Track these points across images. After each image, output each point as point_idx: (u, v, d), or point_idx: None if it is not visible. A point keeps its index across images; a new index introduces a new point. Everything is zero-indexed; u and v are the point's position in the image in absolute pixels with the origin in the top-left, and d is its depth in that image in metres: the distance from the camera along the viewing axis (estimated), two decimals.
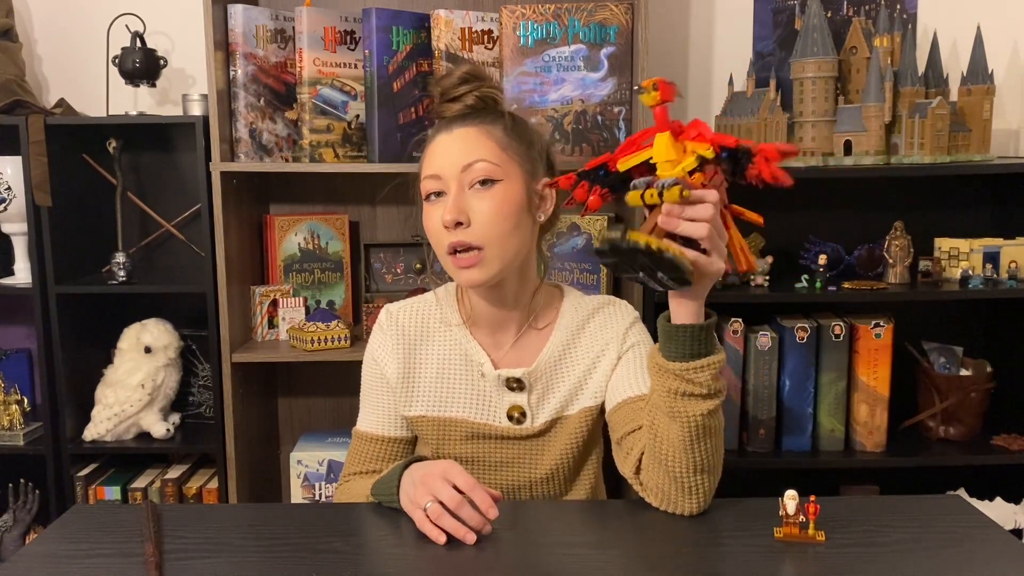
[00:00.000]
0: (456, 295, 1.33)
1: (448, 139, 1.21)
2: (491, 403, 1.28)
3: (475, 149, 1.19)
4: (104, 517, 1.12)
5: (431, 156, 1.23)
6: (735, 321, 1.92)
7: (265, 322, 2.03)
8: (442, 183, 1.20)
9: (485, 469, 1.29)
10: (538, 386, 1.28)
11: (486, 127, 1.21)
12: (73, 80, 2.15)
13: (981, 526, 1.06)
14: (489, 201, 1.18)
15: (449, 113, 1.25)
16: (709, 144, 0.97)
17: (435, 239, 1.21)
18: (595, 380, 1.29)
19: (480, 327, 1.30)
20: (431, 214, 1.22)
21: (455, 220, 1.16)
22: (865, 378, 1.92)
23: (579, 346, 1.30)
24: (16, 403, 2.04)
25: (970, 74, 1.93)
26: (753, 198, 2.28)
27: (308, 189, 2.15)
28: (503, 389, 1.27)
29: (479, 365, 1.28)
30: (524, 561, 0.99)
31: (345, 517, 1.13)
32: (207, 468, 2.12)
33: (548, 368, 1.28)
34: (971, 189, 2.12)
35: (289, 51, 1.95)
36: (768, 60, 1.96)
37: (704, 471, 1.09)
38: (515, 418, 1.27)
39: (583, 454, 1.30)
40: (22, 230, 2.00)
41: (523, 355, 1.29)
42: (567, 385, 1.28)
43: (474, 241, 1.17)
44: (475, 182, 1.19)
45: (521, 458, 1.29)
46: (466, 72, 1.25)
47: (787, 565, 0.97)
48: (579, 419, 1.28)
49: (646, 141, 1.00)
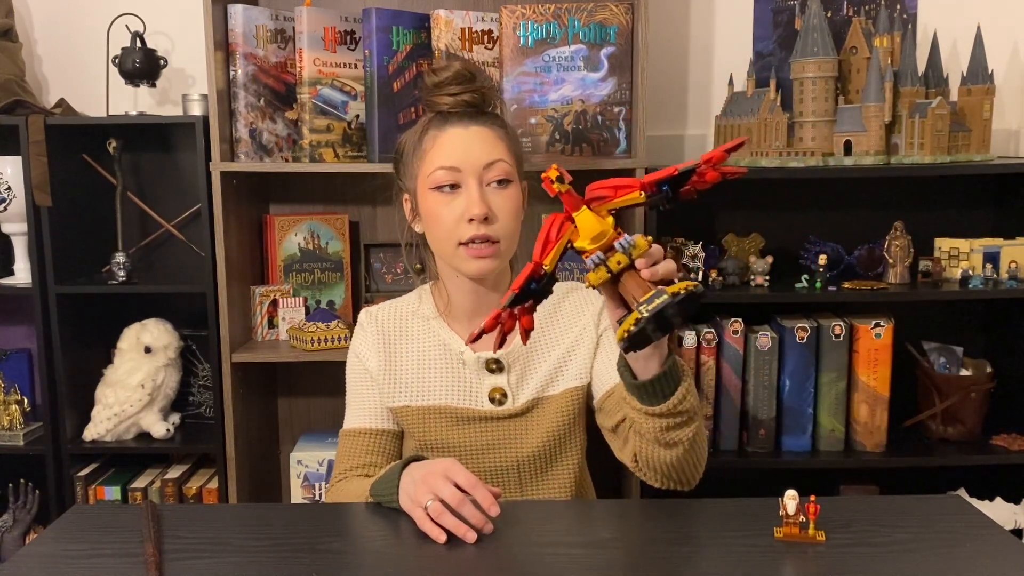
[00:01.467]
0: (432, 290, 1.38)
1: (465, 134, 1.26)
2: (472, 387, 1.31)
3: (494, 149, 1.27)
4: (104, 517, 1.12)
5: (444, 147, 1.26)
6: (735, 321, 1.92)
7: (265, 322, 2.03)
8: (460, 176, 1.25)
9: (471, 453, 1.31)
10: (517, 366, 1.32)
11: (497, 129, 1.29)
12: (73, 80, 2.14)
13: (981, 526, 1.06)
14: (507, 200, 1.26)
15: (444, 106, 1.29)
16: (638, 190, 1.00)
17: (448, 229, 1.25)
18: (577, 361, 1.33)
19: (457, 317, 1.35)
20: (445, 204, 1.25)
21: (485, 214, 1.23)
22: (865, 378, 1.92)
23: (554, 328, 1.35)
24: (16, 403, 2.04)
25: (970, 74, 1.93)
26: (752, 198, 2.29)
27: (308, 189, 2.15)
28: (483, 372, 1.31)
29: (459, 353, 1.32)
30: (524, 561, 0.99)
31: (345, 517, 1.13)
32: (207, 468, 2.12)
33: (526, 349, 1.32)
34: (971, 189, 2.12)
35: (289, 51, 1.95)
36: (768, 60, 1.96)
37: (699, 460, 1.16)
38: (496, 399, 1.31)
39: (568, 434, 1.32)
40: (22, 230, 2.00)
41: None
42: (547, 365, 1.32)
43: (494, 235, 1.25)
44: (493, 180, 1.25)
45: (505, 439, 1.31)
46: (462, 70, 1.29)
47: (787, 565, 0.97)
48: (564, 399, 1.31)
49: (556, 233, 1.01)
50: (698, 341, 1.92)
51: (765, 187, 2.11)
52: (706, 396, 1.94)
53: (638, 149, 1.88)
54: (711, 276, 1.92)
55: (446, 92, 1.28)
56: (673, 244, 1.94)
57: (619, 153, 1.90)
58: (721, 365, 1.94)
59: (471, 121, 1.28)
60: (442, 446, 1.31)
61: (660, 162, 2.10)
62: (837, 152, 1.88)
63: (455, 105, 1.28)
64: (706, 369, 1.93)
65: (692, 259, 1.91)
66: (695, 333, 1.92)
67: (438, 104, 1.30)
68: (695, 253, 1.91)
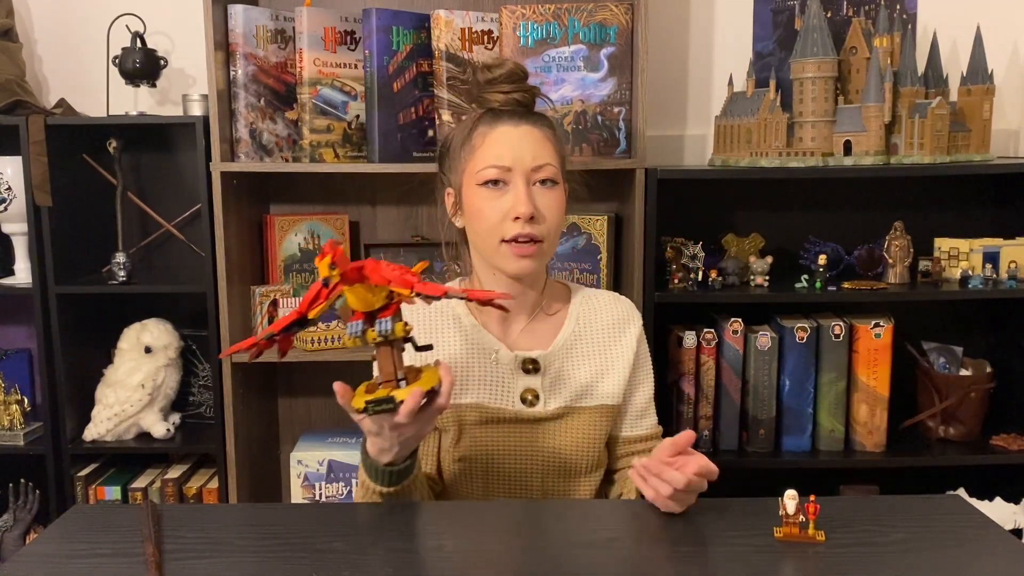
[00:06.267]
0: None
1: (515, 133, 1.27)
2: (505, 386, 1.31)
3: (543, 150, 1.27)
4: (104, 517, 1.12)
5: (496, 145, 1.27)
6: (735, 321, 1.92)
7: (265, 322, 2.02)
8: (509, 174, 1.25)
9: (498, 453, 1.30)
10: (552, 369, 1.31)
11: (545, 130, 1.30)
12: (73, 80, 2.14)
13: (981, 526, 1.06)
14: (553, 201, 1.27)
15: (496, 103, 1.29)
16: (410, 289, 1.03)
17: (492, 226, 1.26)
18: (613, 378, 1.33)
19: (490, 315, 1.33)
20: (491, 200, 1.26)
21: (531, 213, 1.23)
22: (865, 378, 1.92)
23: (594, 336, 1.35)
24: (16, 403, 2.04)
25: (970, 74, 1.93)
26: (752, 198, 2.29)
27: (308, 189, 2.15)
28: (518, 372, 1.30)
29: (493, 351, 1.31)
30: (524, 560, 0.99)
31: (345, 517, 1.13)
32: (207, 468, 2.12)
33: (563, 353, 1.32)
34: (971, 189, 2.12)
35: (289, 51, 1.95)
36: (768, 60, 1.96)
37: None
38: (528, 400, 1.30)
39: (595, 450, 1.32)
40: (22, 230, 2.00)
41: (535, 340, 1.33)
42: (583, 374, 1.32)
43: (539, 235, 1.25)
44: (540, 180, 1.26)
45: (534, 443, 1.30)
46: (515, 68, 1.29)
47: (787, 565, 0.97)
48: (595, 414, 1.32)
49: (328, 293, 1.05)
50: (698, 341, 1.92)
51: (765, 187, 2.11)
52: (706, 396, 1.94)
53: (638, 149, 1.88)
54: (711, 276, 1.92)
55: (498, 89, 1.29)
56: (673, 244, 1.95)
57: (619, 153, 1.90)
58: (721, 365, 1.94)
59: (522, 120, 1.28)
60: (472, 442, 1.30)
61: (660, 162, 2.10)
62: (837, 152, 1.88)
63: (506, 103, 1.29)
64: (706, 369, 1.93)
65: (692, 259, 1.91)
66: (695, 333, 1.92)
67: (489, 101, 1.30)
68: (695, 253, 1.91)
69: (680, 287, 1.91)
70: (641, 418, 1.37)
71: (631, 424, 1.37)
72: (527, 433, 1.30)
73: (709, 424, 1.95)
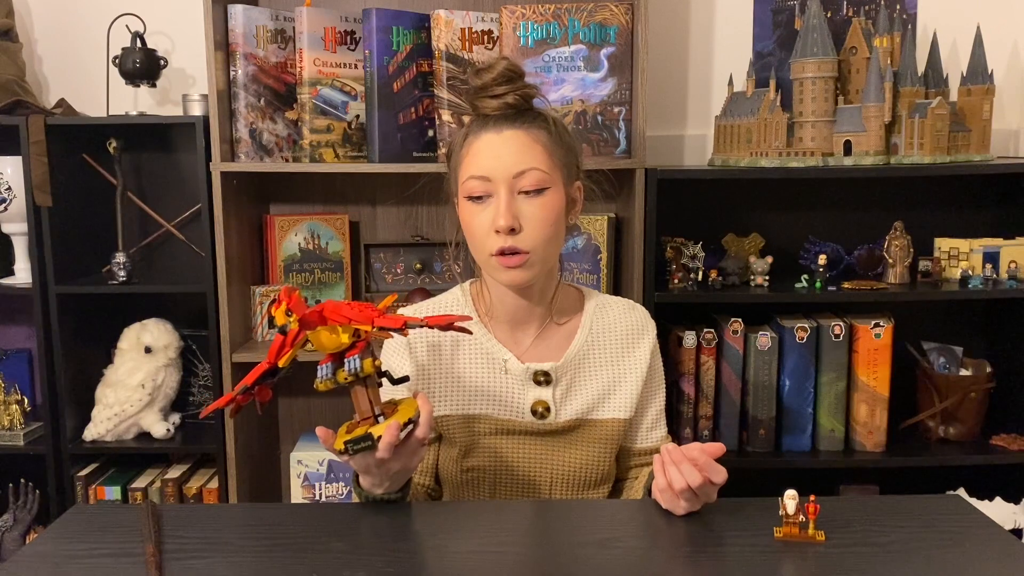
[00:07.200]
0: (472, 293, 1.34)
1: (497, 140, 1.21)
2: (515, 398, 1.28)
3: (526, 156, 1.20)
4: (104, 517, 1.12)
5: (477, 155, 1.21)
6: (735, 321, 1.92)
7: (265, 322, 2.03)
8: (491, 186, 1.20)
9: (508, 464, 1.29)
10: (563, 381, 1.29)
11: (534, 132, 1.22)
12: (73, 80, 2.14)
13: (981, 526, 1.06)
14: (539, 208, 1.20)
15: (488, 109, 1.23)
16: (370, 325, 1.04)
17: (479, 240, 1.22)
18: (625, 391, 1.31)
19: (499, 324, 1.31)
20: (476, 215, 1.21)
21: (510, 226, 1.18)
22: (865, 378, 1.92)
23: (606, 347, 1.32)
24: (16, 403, 2.04)
25: (970, 74, 1.93)
26: (752, 198, 2.29)
27: (308, 189, 2.15)
28: (529, 383, 1.28)
29: (502, 361, 1.29)
30: (525, 560, 0.99)
31: (345, 517, 1.13)
32: (207, 468, 2.12)
33: (575, 364, 1.30)
34: (971, 189, 2.12)
35: (289, 51, 1.95)
36: (768, 60, 1.96)
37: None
38: (539, 412, 1.28)
39: (606, 464, 1.31)
40: (22, 230, 2.00)
41: (547, 350, 1.30)
42: (595, 386, 1.30)
43: (523, 246, 1.20)
44: (524, 189, 1.20)
45: (544, 455, 1.29)
46: (507, 69, 1.22)
47: (787, 565, 0.97)
48: (607, 427, 1.30)
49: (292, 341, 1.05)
50: (698, 341, 1.92)
51: (765, 187, 2.11)
52: (706, 396, 1.94)
53: (638, 149, 1.88)
54: (711, 276, 1.92)
55: (490, 94, 1.22)
56: (673, 244, 1.95)
57: (619, 153, 1.90)
58: (721, 365, 1.94)
59: (508, 125, 1.21)
60: (481, 454, 1.28)
61: (660, 162, 2.10)
62: (837, 152, 1.88)
63: (498, 108, 1.22)
64: (706, 369, 1.93)
65: (692, 259, 1.91)
66: (695, 333, 1.92)
67: (482, 108, 1.24)
68: (695, 253, 1.91)
69: (680, 287, 1.91)
70: (652, 430, 1.36)
71: (643, 436, 1.35)
72: (537, 445, 1.28)
73: (709, 424, 1.95)
